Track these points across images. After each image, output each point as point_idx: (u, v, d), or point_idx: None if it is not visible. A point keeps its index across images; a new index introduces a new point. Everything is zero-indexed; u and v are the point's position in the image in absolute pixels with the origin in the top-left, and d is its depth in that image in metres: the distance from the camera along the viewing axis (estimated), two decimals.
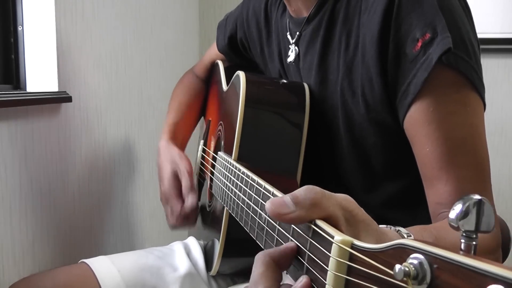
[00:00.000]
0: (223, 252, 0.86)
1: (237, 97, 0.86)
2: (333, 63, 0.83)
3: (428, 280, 0.28)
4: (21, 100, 1.14)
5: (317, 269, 0.39)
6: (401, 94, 0.72)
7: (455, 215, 0.31)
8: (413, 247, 0.30)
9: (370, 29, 0.74)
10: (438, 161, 0.70)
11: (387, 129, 0.78)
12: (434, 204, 0.72)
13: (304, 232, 0.43)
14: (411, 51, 0.70)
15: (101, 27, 1.47)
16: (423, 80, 0.69)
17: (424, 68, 0.69)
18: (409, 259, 0.30)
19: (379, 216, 0.85)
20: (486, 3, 1.93)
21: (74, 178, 1.36)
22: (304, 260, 0.42)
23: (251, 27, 1.07)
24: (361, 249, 0.35)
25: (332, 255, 0.37)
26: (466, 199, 0.31)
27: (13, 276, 1.12)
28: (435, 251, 0.29)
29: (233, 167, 0.74)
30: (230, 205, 0.72)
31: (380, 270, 0.32)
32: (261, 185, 0.56)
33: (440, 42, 0.68)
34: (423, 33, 0.69)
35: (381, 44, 0.72)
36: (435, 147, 0.70)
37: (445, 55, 0.68)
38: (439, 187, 0.70)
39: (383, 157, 0.82)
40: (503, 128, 1.99)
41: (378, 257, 0.33)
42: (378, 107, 0.76)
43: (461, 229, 0.31)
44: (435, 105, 0.70)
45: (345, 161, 0.84)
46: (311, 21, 0.88)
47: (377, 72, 0.74)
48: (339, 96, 0.81)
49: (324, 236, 0.39)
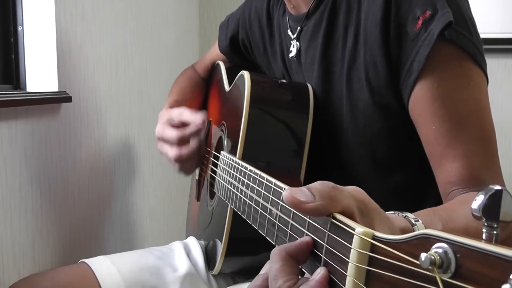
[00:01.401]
0: (226, 251, 0.86)
1: (242, 97, 0.86)
2: (337, 55, 0.83)
3: (452, 268, 0.29)
4: (21, 100, 1.14)
5: (336, 261, 0.40)
6: (404, 73, 0.73)
7: (477, 205, 0.32)
8: (437, 236, 0.31)
9: (373, 12, 0.75)
10: (444, 138, 0.70)
11: (392, 113, 0.78)
12: (444, 183, 0.72)
13: (321, 226, 0.43)
14: (412, 30, 0.71)
15: (101, 27, 1.47)
16: (426, 56, 0.69)
17: (426, 44, 0.69)
18: (433, 249, 0.30)
19: (384, 206, 0.85)
20: (486, 3, 1.93)
21: (74, 178, 1.36)
22: (321, 254, 0.42)
23: (254, 27, 1.07)
24: (383, 240, 0.36)
25: (354, 247, 0.37)
26: (488, 189, 0.32)
27: (13, 276, 1.12)
28: (460, 239, 0.29)
29: (239, 166, 0.74)
30: (236, 203, 0.72)
31: (404, 259, 0.33)
32: (272, 182, 0.57)
33: (441, 18, 0.68)
34: (423, 10, 0.70)
35: (383, 26, 0.73)
36: (441, 123, 0.70)
37: (447, 30, 0.68)
38: (447, 165, 0.70)
39: (388, 145, 0.82)
40: (503, 128, 1.99)
41: (400, 247, 0.33)
42: (383, 90, 0.76)
43: (483, 219, 0.31)
44: (438, 81, 0.70)
45: (350, 152, 0.84)
46: (311, 16, 0.88)
47: (381, 54, 0.74)
48: (344, 86, 0.82)
49: (344, 229, 0.39)
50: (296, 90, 0.89)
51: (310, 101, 0.87)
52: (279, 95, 0.90)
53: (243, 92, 0.86)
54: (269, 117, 0.87)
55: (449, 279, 0.29)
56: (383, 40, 0.74)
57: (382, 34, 0.73)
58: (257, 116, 0.84)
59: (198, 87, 1.24)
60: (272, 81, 0.95)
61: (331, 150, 0.87)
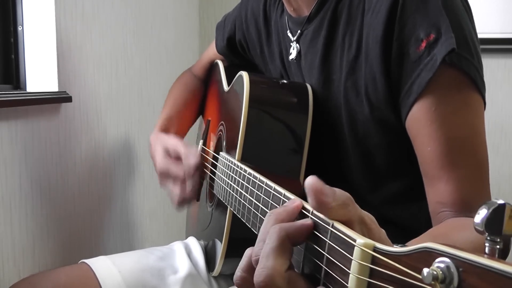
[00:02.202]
0: (226, 252, 0.86)
1: (240, 97, 0.86)
2: (336, 63, 0.83)
3: (455, 283, 0.29)
4: (21, 100, 1.14)
5: (337, 271, 0.39)
6: (404, 93, 0.73)
7: (480, 219, 0.31)
8: (440, 250, 0.30)
9: (374, 28, 0.74)
10: (439, 160, 0.70)
11: (391, 128, 0.78)
12: (434, 203, 0.72)
13: (321, 235, 0.42)
14: (414, 51, 0.71)
15: (101, 27, 1.47)
16: (428, 80, 0.69)
17: (428, 68, 0.69)
18: (435, 263, 0.30)
19: (382, 214, 0.85)
20: (486, 3, 1.93)
21: (74, 178, 1.36)
22: (322, 264, 0.42)
23: (250, 28, 1.07)
24: (384, 252, 0.35)
25: (355, 258, 0.37)
26: (491, 203, 0.31)
27: (13, 276, 1.12)
28: (462, 254, 0.29)
29: (238, 168, 0.74)
30: (235, 205, 0.72)
31: (405, 273, 0.32)
32: (271, 187, 0.56)
33: (445, 43, 0.68)
34: (427, 33, 0.70)
35: (385, 44, 0.73)
36: (436, 146, 0.70)
37: (449, 55, 0.68)
38: (440, 186, 0.71)
39: (387, 157, 0.82)
40: (503, 128, 1.99)
41: (402, 260, 0.33)
42: (381, 106, 0.76)
43: (486, 233, 0.31)
44: (437, 105, 0.70)
45: (349, 160, 0.84)
46: (312, 20, 0.88)
47: (381, 71, 0.74)
48: (342, 95, 0.81)
49: (344, 239, 0.39)
50: (295, 90, 0.89)
51: (310, 101, 0.86)
52: (278, 95, 0.90)
53: (241, 93, 0.86)
54: (268, 117, 0.86)
55: None
56: (383, 58, 0.73)
57: (383, 52, 0.73)
58: (256, 117, 0.84)
59: (194, 93, 1.23)
60: (270, 82, 0.95)
61: (332, 155, 0.87)
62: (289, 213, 0.47)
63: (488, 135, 0.74)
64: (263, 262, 0.42)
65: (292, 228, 0.43)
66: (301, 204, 0.47)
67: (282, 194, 0.53)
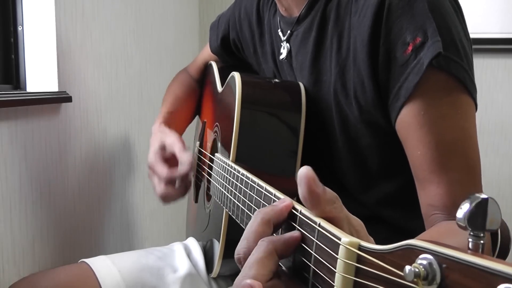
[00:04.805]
0: (223, 254, 0.86)
1: (233, 98, 0.86)
2: (326, 65, 0.83)
3: (438, 280, 0.28)
4: (21, 100, 1.14)
5: (324, 270, 0.39)
6: (392, 97, 0.72)
7: (462, 214, 0.31)
8: (422, 247, 0.30)
9: (361, 32, 0.74)
10: (429, 164, 0.70)
11: (381, 130, 0.78)
12: (426, 205, 0.72)
13: (309, 234, 0.43)
14: (401, 55, 0.70)
15: (101, 27, 1.47)
16: (415, 84, 0.69)
17: (415, 72, 0.69)
18: (418, 260, 0.30)
19: (375, 213, 0.85)
20: (486, 3, 1.93)
21: (74, 178, 1.36)
22: (310, 263, 0.42)
23: (244, 27, 1.07)
24: (369, 250, 0.35)
25: (340, 257, 0.37)
26: (473, 198, 0.31)
27: (13, 276, 1.12)
28: (444, 251, 0.28)
29: (232, 169, 0.74)
30: (230, 207, 0.72)
31: (389, 271, 0.32)
32: (262, 187, 0.56)
33: (431, 47, 0.68)
34: (413, 37, 0.69)
35: (372, 48, 0.72)
36: (426, 150, 0.70)
37: (436, 59, 0.67)
38: (431, 190, 0.71)
39: (378, 158, 0.82)
40: (503, 128, 1.99)
41: (386, 258, 0.33)
42: (370, 109, 0.76)
43: (469, 228, 0.31)
44: (426, 109, 0.69)
45: (342, 161, 0.84)
46: (302, 21, 0.88)
47: (368, 76, 0.74)
48: (332, 97, 0.81)
49: (330, 238, 0.39)
50: (288, 89, 0.89)
51: (302, 100, 0.86)
52: (270, 95, 0.90)
53: (234, 93, 0.86)
54: (262, 117, 0.86)
55: None
56: (370, 62, 0.73)
57: (370, 56, 0.73)
58: (249, 117, 0.84)
59: (191, 92, 1.24)
60: (263, 81, 0.95)
61: (324, 153, 0.87)
62: (277, 212, 0.47)
63: (488, 135, 0.74)
64: (246, 271, 0.42)
65: (280, 242, 0.44)
66: (291, 204, 0.47)
67: (272, 194, 0.53)
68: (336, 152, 0.84)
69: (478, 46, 0.75)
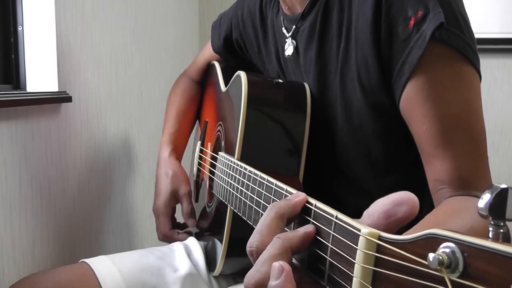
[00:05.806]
0: (226, 252, 0.86)
1: (239, 97, 0.86)
2: (331, 54, 0.83)
3: (461, 268, 0.29)
4: (21, 100, 1.14)
5: (342, 262, 0.40)
6: (396, 73, 0.73)
7: (484, 204, 0.31)
8: (445, 236, 0.31)
9: (363, 12, 0.75)
10: (434, 139, 0.70)
11: (385, 113, 0.78)
12: (433, 181, 0.72)
13: (325, 227, 0.43)
14: (403, 30, 0.71)
15: (101, 27, 1.47)
16: (418, 57, 0.69)
17: (418, 45, 0.69)
18: (440, 248, 0.30)
19: None
20: (486, 3, 1.93)
21: (74, 178, 1.36)
22: (326, 255, 0.42)
23: (247, 27, 1.07)
24: (389, 240, 0.35)
25: (359, 248, 0.37)
26: (494, 188, 0.32)
27: (13, 276, 1.12)
28: (467, 239, 0.29)
29: (238, 166, 0.74)
30: (236, 203, 0.72)
31: (411, 260, 0.32)
32: (272, 183, 0.57)
33: (433, 18, 0.68)
34: (415, 11, 0.70)
35: (374, 26, 0.73)
36: (431, 125, 0.70)
37: (438, 31, 0.68)
38: (437, 165, 0.71)
39: (383, 145, 0.82)
40: (503, 128, 1.99)
41: (407, 248, 0.33)
42: (375, 90, 0.76)
43: (490, 218, 0.31)
44: (430, 82, 0.70)
45: (345, 151, 0.84)
46: (306, 16, 0.88)
47: (372, 54, 0.74)
48: (338, 85, 0.82)
49: (349, 230, 0.39)
50: (293, 90, 0.89)
51: (307, 100, 0.86)
52: (276, 95, 0.90)
53: (240, 93, 0.86)
54: (267, 117, 0.86)
55: (457, 278, 0.29)
56: (374, 40, 0.73)
57: (372, 34, 0.73)
58: (254, 117, 0.84)
59: (192, 100, 1.25)
60: (268, 81, 0.95)
61: (327, 150, 0.87)
62: (291, 207, 0.47)
63: (488, 135, 0.74)
64: (258, 266, 0.42)
65: (295, 239, 0.44)
66: (306, 198, 0.47)
67: (284, 189, 0.53)
68: (341, 144, 0.84)
69: (478, 46, 0.75)
